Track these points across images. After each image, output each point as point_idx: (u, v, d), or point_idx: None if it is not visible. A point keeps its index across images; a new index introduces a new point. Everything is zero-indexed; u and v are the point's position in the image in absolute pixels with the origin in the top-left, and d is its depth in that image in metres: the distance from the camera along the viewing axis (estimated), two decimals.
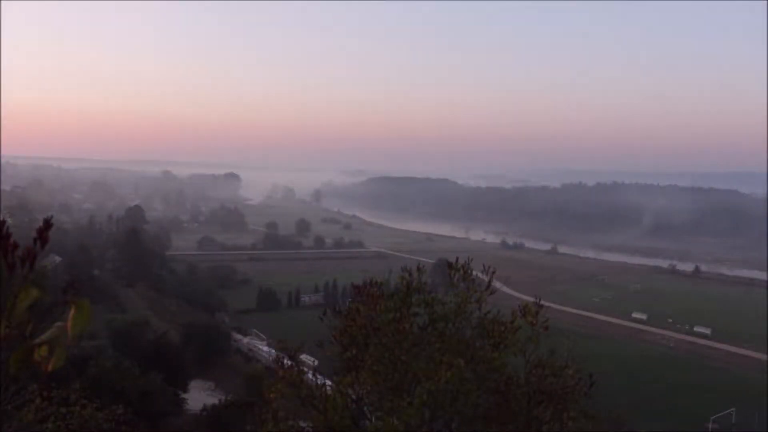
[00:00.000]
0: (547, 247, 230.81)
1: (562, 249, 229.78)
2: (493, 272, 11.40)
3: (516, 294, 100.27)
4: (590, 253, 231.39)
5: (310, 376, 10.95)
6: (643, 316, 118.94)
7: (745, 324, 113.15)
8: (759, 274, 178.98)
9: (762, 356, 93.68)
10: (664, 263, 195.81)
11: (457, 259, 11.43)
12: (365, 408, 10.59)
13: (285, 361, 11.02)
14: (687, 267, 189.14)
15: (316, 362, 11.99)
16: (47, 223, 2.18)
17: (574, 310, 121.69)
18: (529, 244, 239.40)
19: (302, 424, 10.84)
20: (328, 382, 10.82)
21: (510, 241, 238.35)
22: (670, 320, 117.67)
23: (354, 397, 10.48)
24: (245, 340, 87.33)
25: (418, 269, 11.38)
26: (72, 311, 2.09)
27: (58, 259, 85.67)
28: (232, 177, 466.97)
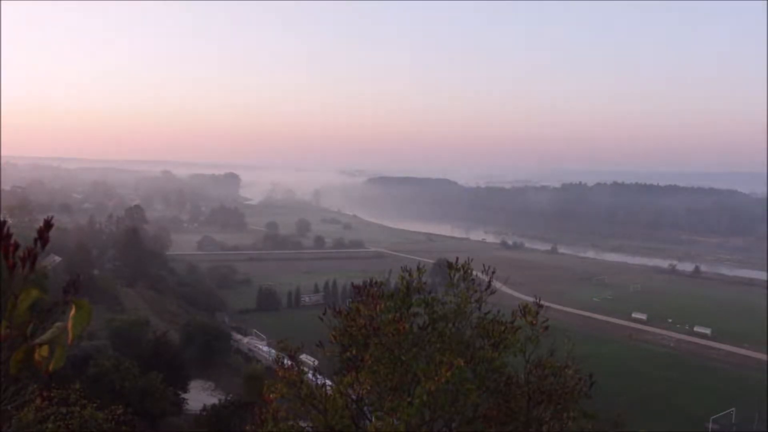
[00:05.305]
0: (547, 247, 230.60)
1: (562, 249, 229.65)
2: (493, 272, 11.39)
3: (516, 294, 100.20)
4: (590, 253, 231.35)
5: (310, 376, 10.95)
6: (643, 316, 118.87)
7: (745, 324, 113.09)
8: (759, 274, 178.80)
9: (762, 356, 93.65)
10: (664, 263, 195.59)
11: (457, 259, 11.42)
12: (365, 408, 10.59)
13: (285, 361, 11.01)
14: (687, 267, 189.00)
15: (316, 362, 11.97)
16: (47, 224, 2.18)
17: (574, 310, 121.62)
18: (529, 244, 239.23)
19: (302, 424, 10.83)
20: (328, 382, 10.81)
21: (510, 241, 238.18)
22: (670, 320, 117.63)
23: (354, 397, 10.47)
24: (245, 340, 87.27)
25: (418, 269, 11.37)
26: (72, 311, 2.09)
27: (58, 259, 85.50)
28: (232, 177, 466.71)
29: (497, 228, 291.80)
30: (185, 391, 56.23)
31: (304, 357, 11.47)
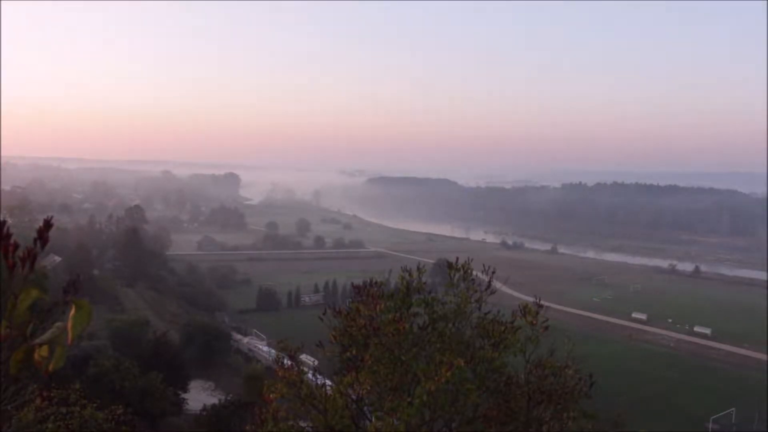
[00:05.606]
0: (547, 247, 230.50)
1: (562, 249, 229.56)
2: (493, 272, 11.39)
3: (516, 294, 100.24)
4: (590, 253, 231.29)
5: (310, 376, 10.95)
6: (643, 316, 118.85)
7: (745, 324, 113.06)
8: (759, 274, 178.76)
9: (762, 356, 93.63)
10: (664, 263, 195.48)
11: (457, 259, 11.41)
12: (365, 408, 10.58)
13: (285, 361, 11.01)
14: (687, 267, 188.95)
15: (316, 362, 11.97)
16: (47, 224, 2.18)
17: (574, 310, 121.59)
18: (529, 244, 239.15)
19: (302, 424, 10.83)
20: (328, 382, 10.81)
21: (510, 241, 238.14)
22: (670, 320, 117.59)
23: (354, 397, 10.47)
24: (245, 340, 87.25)
25: (418, 269, 11.37)
26: (72, 311, 2.09)
27: (57, 259, 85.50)
28: (232, 177, 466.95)
29: (497, 228, 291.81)
30: (185, 391, 56.28)
31: (304, 357, 11.47)
